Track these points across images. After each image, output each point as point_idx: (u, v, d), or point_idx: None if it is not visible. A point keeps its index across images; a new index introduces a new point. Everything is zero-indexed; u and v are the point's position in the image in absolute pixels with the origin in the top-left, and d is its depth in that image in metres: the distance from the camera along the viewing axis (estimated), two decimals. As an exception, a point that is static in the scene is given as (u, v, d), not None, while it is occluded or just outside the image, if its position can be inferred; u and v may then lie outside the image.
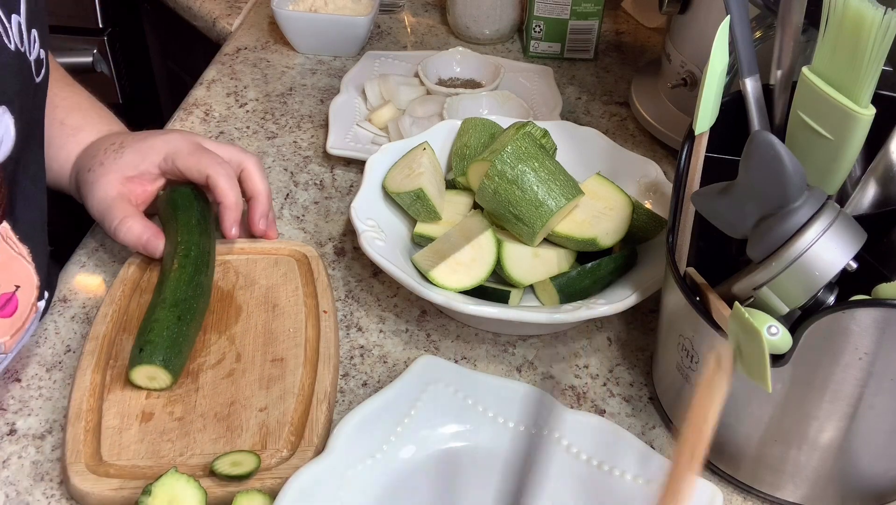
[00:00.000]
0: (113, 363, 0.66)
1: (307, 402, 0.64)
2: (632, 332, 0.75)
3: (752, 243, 0.55)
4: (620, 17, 1.26)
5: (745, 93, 0.62)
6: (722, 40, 0.57)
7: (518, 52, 1.16)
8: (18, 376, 0.68)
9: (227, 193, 0.75)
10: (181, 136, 0.78)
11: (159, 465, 0.60)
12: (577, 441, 0.62)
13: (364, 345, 0.73)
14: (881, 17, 0.50)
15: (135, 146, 0.76)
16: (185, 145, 0.77)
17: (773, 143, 0.51)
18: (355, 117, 0.97)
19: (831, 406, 0.55)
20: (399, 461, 0.61)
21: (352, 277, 0.79)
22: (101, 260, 0.79)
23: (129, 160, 0.76)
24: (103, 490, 0.58)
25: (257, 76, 1.07)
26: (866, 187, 0.59)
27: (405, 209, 0.78)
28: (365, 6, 1.12)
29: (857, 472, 0.59)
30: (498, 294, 0.72)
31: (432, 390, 0.64)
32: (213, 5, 1.24)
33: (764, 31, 0.72)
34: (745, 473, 0.62)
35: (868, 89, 0.53)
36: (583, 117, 1.03)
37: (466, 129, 0.83)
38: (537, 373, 0.71)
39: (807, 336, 0.52)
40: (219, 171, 0.75)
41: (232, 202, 0.75)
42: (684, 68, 0.93)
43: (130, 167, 0.76)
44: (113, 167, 0.75)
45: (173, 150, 0.76)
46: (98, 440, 0.61)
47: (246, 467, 0.58)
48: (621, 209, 0.74)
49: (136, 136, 0.78)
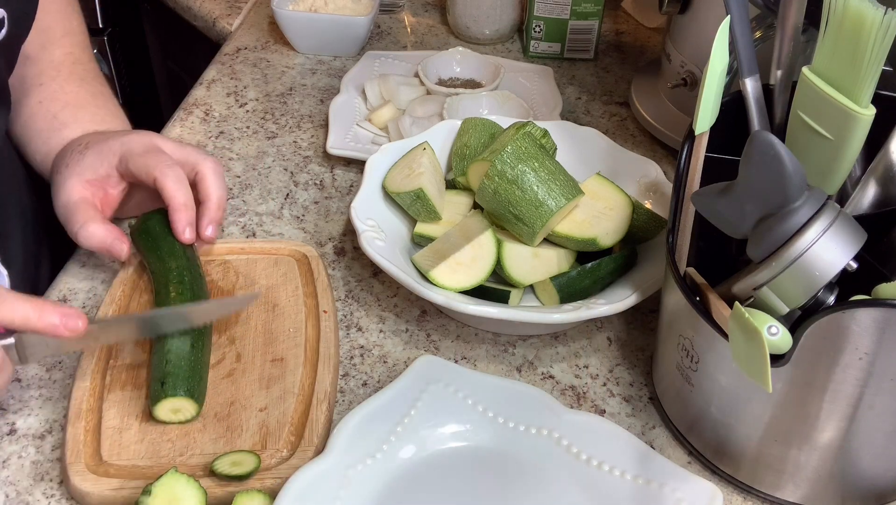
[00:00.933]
0: (113, 363, 0.66)
1: (307, 402, 0.64)
2: (632, 332, 0.75)
3: (752, 243, 0.55)
4: (620, 17, 1.26)
5: (745, 93, 0.62)
6: (722, 40, 0.57)
7: (518, 52, 1.16)
8: (18, 376, 0.68)
9: (173, 195, 0.71)
10: (138, 137, 0.75)
11: (159, 465, 0.60)
12: (577, 441, 0.62)
13: (364, 345, 0.73)
14: (881, 17, 0.50)
15: (95, 147, 0.74)
16: (139, 146, 0.73)
17: (773, 143, 0.51)
18: (355, 117, 0.97)
19: (831, 406, 0.55)
20: (399, 461, 0.61)
21: (352, 277, 0.79)
22: (100, 260, 0.79)
23: (90, 162, 0.74)
24: (103, 490, 0.58)
25: (257, 76, 1.07)
26: (866, 187, 0.59)
27: (405, 209, 0.78)
28: (365, 6, 1.12)
29: (857, 472, 0.59)
30: (498, 294, 0.72)
31: (432, 390, 0.64)
32: (213, 5, 1.24)
33: (764, 31, 0.72)
34: (745, 473, 0.62)
35: (868, 89, 0.53)
36: (583, 117, 1.03)
37: (466, 129, 0.83)
38: (537, 373, 0.71)
39: (807, 336, 0.52)
40: (166, 172, 0.71)
41: (180, 203, 0.71)
42: (684, 68, 0.93)
43: (90, 170, 0.73)
44: (76, 170, 0.74)
45: (127, 152, 0.73)
46: (98, 440, 0.61)
47: (246, 467, 0.58)
48: (621, 209, 0.74)
49: (99, 136, 0.76)
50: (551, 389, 0.70)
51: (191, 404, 0.62)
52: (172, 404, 0.61)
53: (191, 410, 0.62)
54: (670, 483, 0.59)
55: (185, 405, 0.62)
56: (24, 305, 0.58)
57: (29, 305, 0.58)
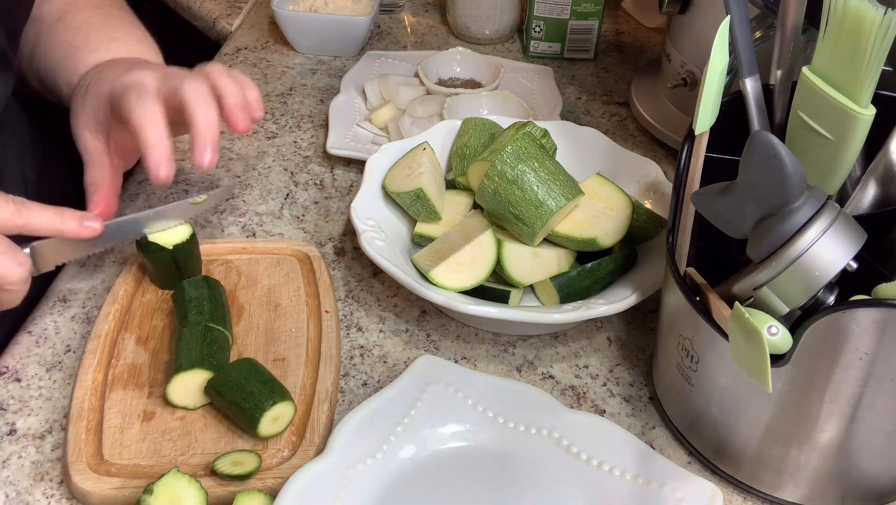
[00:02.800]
0: (115, 362, 0.66)
1: (308, 402, 0.64)
2: (632, 332, 0.75)
3: (752, 243, 0.55)
4: (620, 17, 1.26)
5: (745, 93, 0.62)
6: (722, 40, 0.57)
7: (518, 52, 1.16)
8: (18, 376, 0.68)
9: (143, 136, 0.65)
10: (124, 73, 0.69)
11: (160, 464, 0.60)
12: (577, 441, 0.62)
13: (364, 345, 0.73)
14: (881, 17, 0.50)
15: (92, 90, 0.71)
16: (120, 84, 0.67)
17: (773, 143, 0.51)
18: (355, 117, 0.97)
19: (831, 406, 0.55)
20: (399, 461, 0.61)
21: (352, 277, 0.79)
22: (100, 260, 0.79)
23: (91, 109, 0.70)
24: (104, 489, 0.58)
25: (257, 76, 1.07)
26: (866, 187, 0.59)
27: (405, 209, 0.78)
28: (365, 6, 1.12)
29: (857, 472, 0.59)
30: (498, 294, 0.72)
31: (432, 390, 0.64)
32: (213, 5, 1.24)
33: (764, 31, 0.72)
34: (745, 473, 0.62)
35: (868, 89, 0.53)
36: (583, 117, 1.03)
37: (466, 129, 0.83)
38: (537, 373, 0.71)
39: (807, 336, 0.52)
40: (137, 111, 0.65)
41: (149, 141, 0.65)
42: (684, 68, 0.93)
43: (92, 118, 0.70)
44: (81, 119, 0.71)
45: (111, 93, 0.68)
46: (100, 439, 0.61)
47: (247, 467, 0.58)
48: (621, 209, 0.74)
49: (96, 75, 0.72)
50: (551, 389, 0.70)
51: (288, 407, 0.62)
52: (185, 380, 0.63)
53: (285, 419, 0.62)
54: (670, 483, 0.59)
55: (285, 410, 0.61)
56: (48, 212, 0.63)
57: (51, 211, 0.63)
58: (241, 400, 0.61)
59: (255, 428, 0.60)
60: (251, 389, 0.61)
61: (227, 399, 0.62)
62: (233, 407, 0.61)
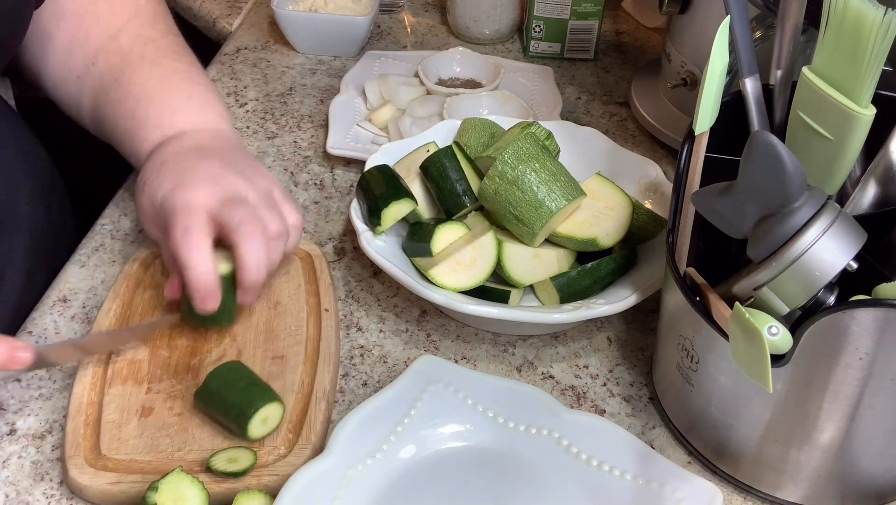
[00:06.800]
0: (115, 357, 0.67)
1: (306, 400, 0.64)
2: (632, 332, 0.75)
3: (752, 243, 0.55)
4: (620, 17, 1.26)
5: (745, 93, 0.62)
6: (722, 40, 0.57)
7: (518, 52, 1.16)
8: (18, 376, 0.68)
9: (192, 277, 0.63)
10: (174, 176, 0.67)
11: (157, 459, 0.60)
12: (577, 441, 0.62)
13: (364, 345, 0.73)
14: (881, 17, 0.50)
15: (147, 191, 0.69)
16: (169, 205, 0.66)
17: (773, 143, 0.51)
18: (355, 117, 0.97)
19: (831, 406, 0.55)
20: (399, 461, 0.61)
21: (352, 277, 0.79)
22: (100, 260, 0.79)
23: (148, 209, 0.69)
24: (101, 483, 0.58)
25: (257, 76, 1.07)
26: (866, 187, 0.59)
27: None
28: (365, 6, 1.12)
29: (857, 472, 0.59)
30: (498, 294, 0.72)
31: (432, 390, 0.64)
32: (213, 5, 1.24)
33: (764, 31, 0.72)
34: (745, 473, 0.62)
35: (868, 89, 0.53)
36: (583, 117, 1.03)
37: (466, 129, 0.83)
38: (537, 373, 0.71)
39: (807, 336, 0.52)
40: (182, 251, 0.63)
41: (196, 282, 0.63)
42: (684, 68, 0.93)
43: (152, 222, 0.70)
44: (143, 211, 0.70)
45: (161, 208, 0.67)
46: (98, 434, 0.61)
47: (242, 464, 0.58)
48: (621, 209, 0.74)
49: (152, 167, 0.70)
50: (551, 389, 0.70)
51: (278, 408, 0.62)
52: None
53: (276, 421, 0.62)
54: (670, 483, 0.59)
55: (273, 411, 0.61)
56: None
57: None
58: (225, 412, 0.62)
59: (245, 434, 0.60)
60: (231, 399, 0.61)
61: (213, 410, 0.63)
62: (220, 417, 0.62)
